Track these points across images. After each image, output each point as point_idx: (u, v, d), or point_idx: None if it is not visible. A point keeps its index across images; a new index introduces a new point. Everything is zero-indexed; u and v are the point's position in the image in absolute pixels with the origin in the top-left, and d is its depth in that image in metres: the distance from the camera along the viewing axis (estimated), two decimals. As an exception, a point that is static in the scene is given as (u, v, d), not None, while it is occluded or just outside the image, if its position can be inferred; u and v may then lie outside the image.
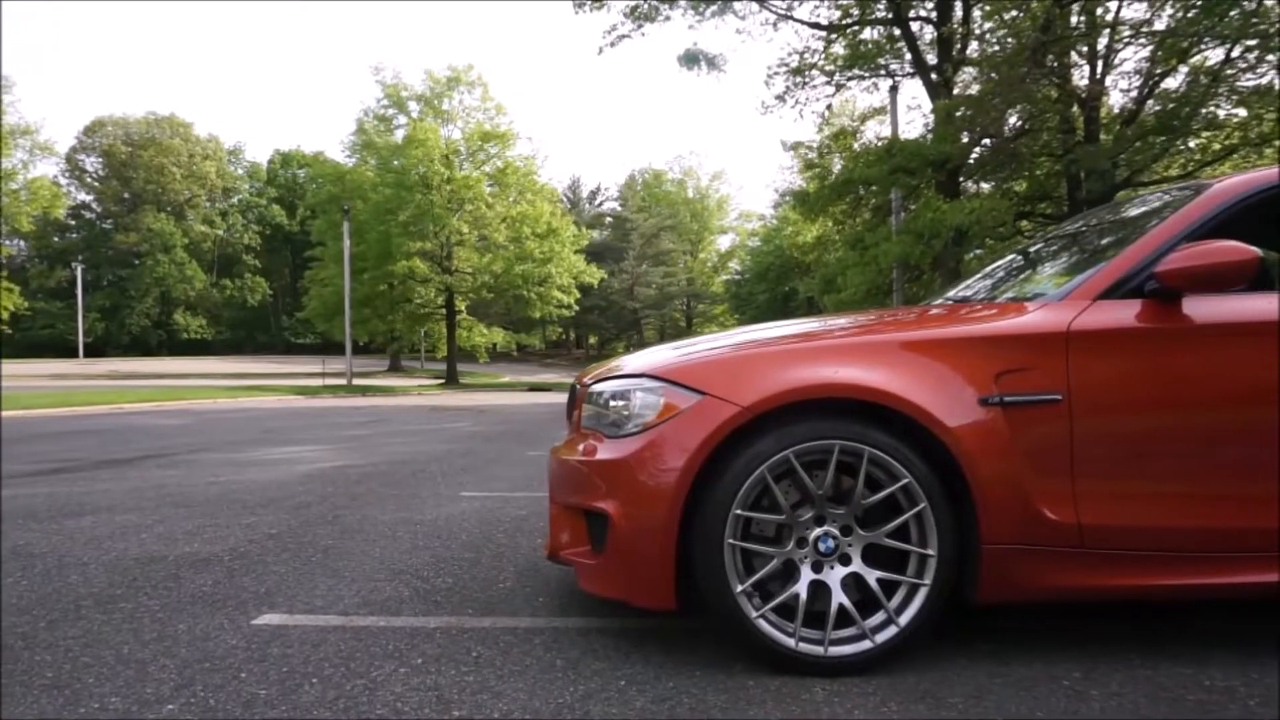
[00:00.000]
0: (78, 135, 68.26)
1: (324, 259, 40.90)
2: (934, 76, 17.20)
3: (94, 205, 69.25)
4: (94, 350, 59.94)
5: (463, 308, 39.75)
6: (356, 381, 31.50)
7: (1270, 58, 13.36)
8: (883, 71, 19.38)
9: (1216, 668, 2.26)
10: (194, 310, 68.75)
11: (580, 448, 2.53)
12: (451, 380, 37.83)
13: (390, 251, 35.78)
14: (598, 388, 2.58)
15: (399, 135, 38.27)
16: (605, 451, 2.40)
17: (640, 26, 19.67)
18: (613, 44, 20.12)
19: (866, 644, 2.21)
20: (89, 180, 68.62)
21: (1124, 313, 2.33)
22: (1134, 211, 2.96)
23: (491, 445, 8.97)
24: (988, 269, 3.67)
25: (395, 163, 36.51)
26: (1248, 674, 2.21)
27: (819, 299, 19.64)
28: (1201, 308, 2.33)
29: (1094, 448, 2.25)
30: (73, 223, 67.52)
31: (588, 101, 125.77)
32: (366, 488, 5.69)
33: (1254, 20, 12.75)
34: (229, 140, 77.24)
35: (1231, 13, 12.77)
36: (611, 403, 2.48)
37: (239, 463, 7.27)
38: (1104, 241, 2.91)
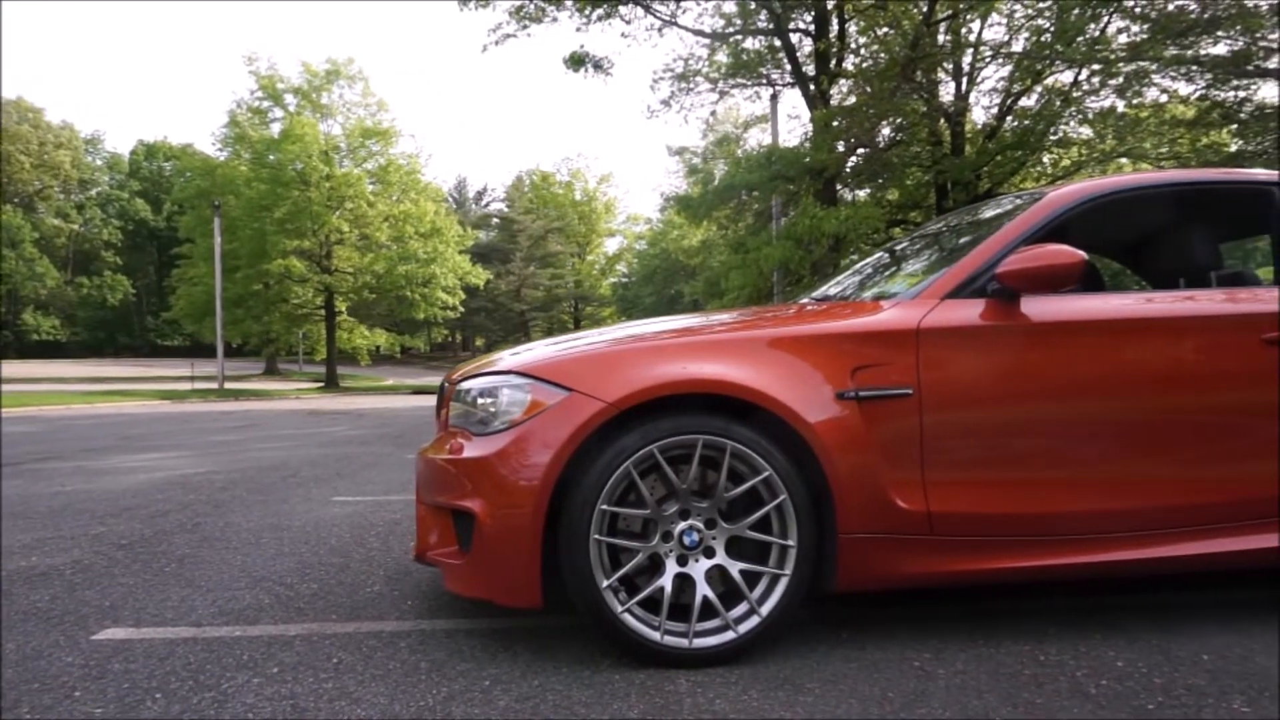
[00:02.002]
0: (-93, 117, 62.54)
1: (193, 256, 38.82)
2: (812, 87, 17.77)
3: (-73, 195, 63.54)
4: (-73, 353, 55.02)
5: (343, 308, 38.48)
6: (229, 385, 30.02)
7: (1112, 82, 14.45)
8: (764, 80, 19.90)
9: (1051, 643, 2.41)
10: (46, 310, 63.95)
11: (447, 446, 2.49)
12: (331, 383, 36.54)
13: (265, 250, 34.29)
14: (465, 385, 2.54)
15: (275, 129, 36.68)
16: (472, 450, 2.37)
17: (526, 27, 19.48)
18: (498, 43, 19.86)
19: (730, 635, 2.26)
20: (-79, 167, 62.93)
21: (968, 311, 2.47)
22: (988, 214, 3.13)
23: (369, 449, 8.72)
24: (858, 266, 3.81)
25: (271, 157, 35.01)
26: (1077, 648, 2.37)
27: (703, 301, 19.98)
28: (1038, 307, 2.49)
29: (941, 439, 2.37)
30: (-99, 213, 61.77)
31: (474, 101, 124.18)
32: (232, 494, 5.43)
33: (1098, 48, 13.75)
34: (86, 129, 72.38)
35: (1078, 39, 13.73)
36: (479, 400, 2.45)
37: (91, 471, 6.81)
38: (960, 242, 3.07)
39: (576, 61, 19.11)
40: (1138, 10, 13.54)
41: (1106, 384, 2.50)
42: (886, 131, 17.54)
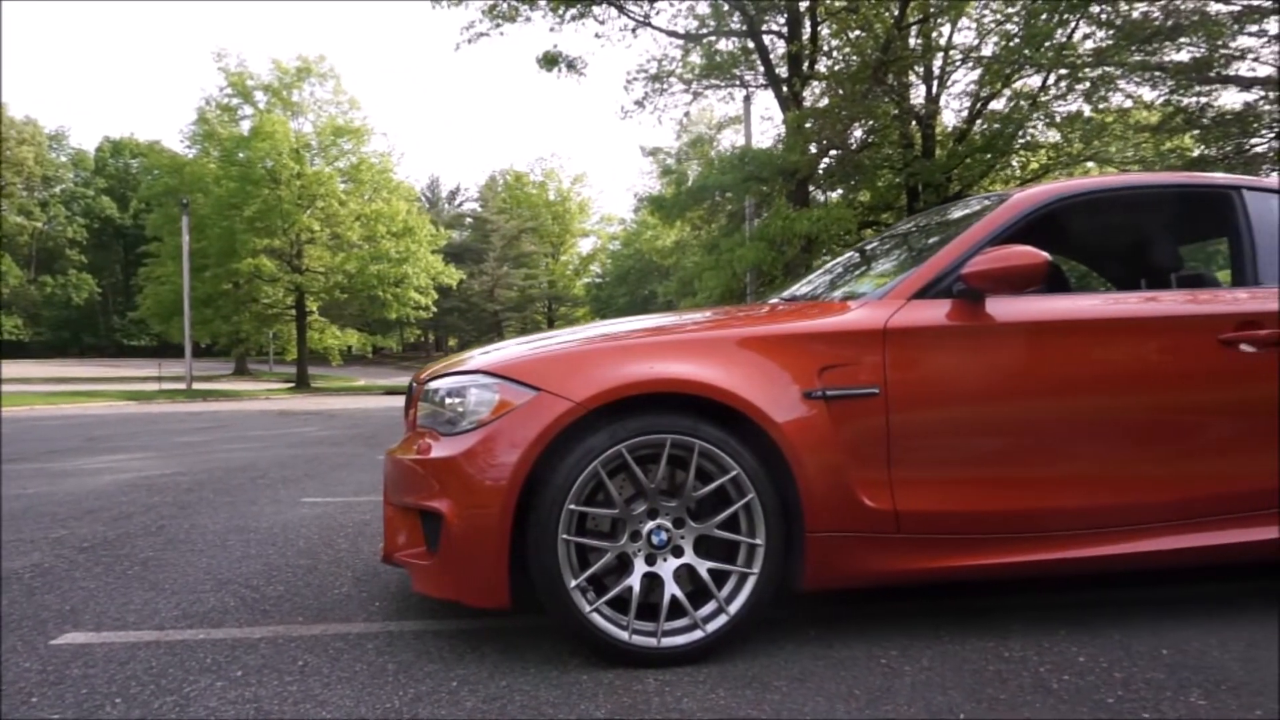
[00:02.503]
0: None
1: (160, 255, 38.22)
2: (785, 89, 17.86)
3: (-115, 191, 61.97)
4: (-116, 353, 53.66)
5: (314, 308, 38.09)
6: (197, 386, 29.60)
7: (1079, 86, 14.67)
8: (738, 82, 19.99)
9: (1015, 639, 2.44)
10: (8, 309, 62.64)
11: (415, 447, 2.47)
12: (302, 384, 36.15)
13: (234, 248, 33.86)
14: (433, 385, 2.53)
15: (245, 126, 36.23)
16: (439, 450, 2.35)
17: (499, 26, 19.43)
18: (470, 41, 19.79)
19: (698, 634, 2.26)
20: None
21: (935, 312, 2.49)
22: (957, 214, 3.16)
23: (339, 450, 8.64)
24: (828, 265, 3.84)
25: (240, 155, 34.56)
26: (1041, 644, 2.40)
27: (676, 301, 20.01)
28: (1002, 307, 2.52)
29: (908, 438, 2.39)
30: None
31: (447, 100, 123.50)
32: (198, 496, 5.35)
33: (1065, 53, 13.96)
34: (50, 124, 70.89)
35: (1046, 44, 13.92)
36: (447, 400, 2.44)
37: (54, 473, 6.69)
38: (928, 242, 3.09)
39: (550, 61, 19.08)
40: (1103, 17, 13.76)
41: (1069, 383, 2.54)
42: (858, 133, 17.69)
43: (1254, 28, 13.02)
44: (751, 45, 18.59)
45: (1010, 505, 2.47)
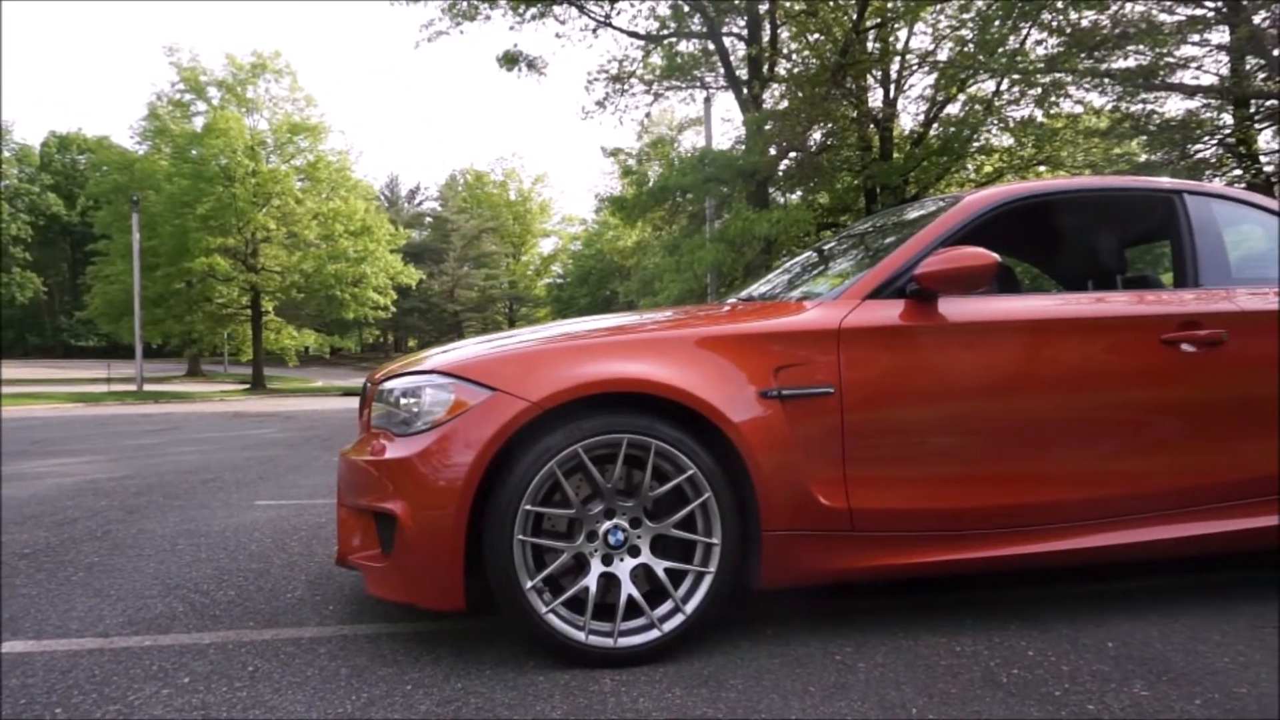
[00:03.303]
0: None
1: (109, 254, 37.27)
2: (745, 91, 17.98)
3: None
4: None
5: (270, 308, 37.45)
6: (148, 387, 28.92)
7: (1031, 92, 14.99)
8: (698, 83, 20.05)
9: (967, 635, 2.48)
10: (-54, 309, 60.68)
11: (369, 448, 2.45)
12: (258, 385, 35.53)
13: (187, 247, 33.15)
14: (388, 385, 2.50)
15: (198, 123, 35.49)
16: (394, 450, 2.33)
17: (459, 24, 19.31)
18: (430, 39, 19.67)
19: (655, 633, 2.26)
20: None
21: (888, 312, 2.52)
22: (912, 215, 3.20)
23: (295, 452, 8.51)
24: (787, 265, 3.87)
25: (193, 152, 33.82)
26: (992, 639, 2.44)
27: (638, 302, 20.03)
28: (954, 307, 2.56)
29: (862, 437, 2.42)
30: None
31: (407, 98, 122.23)
32: (147, 500, 5.23)
33: (1017, 59, 14.24)
34: (-8, 119, 68.70)
35: (999, 50, 14.19)
36: (402, 400, 2.41)
37: (-6, 477, 6.49)
38: (885, 242, 3.13)
39: (510, 60, 19.00)
40: (1054, 24, 14.07)
41: (1019, 382, 2.59)
42: (817, 136, 17.87)
43: (1197, 38, 13.42)
44: (712, 47, 18.66)
45: (962, 502, 2.50)
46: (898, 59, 17.55)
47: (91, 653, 2.40)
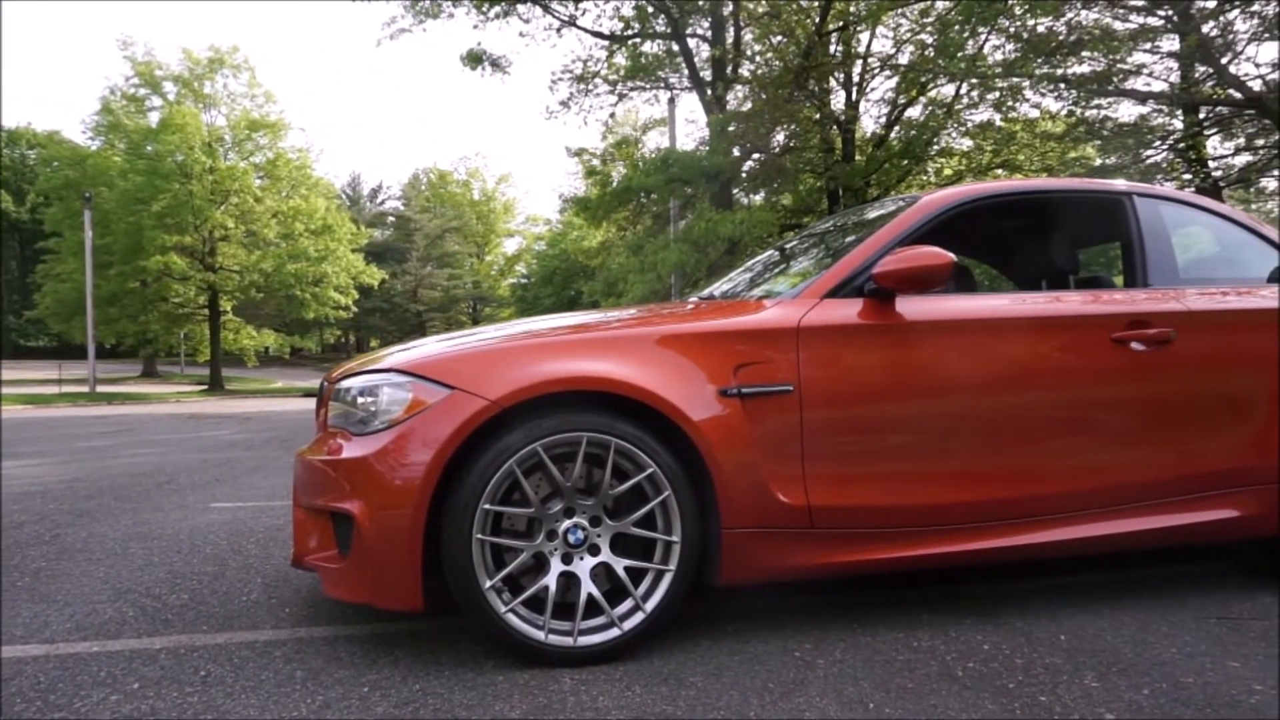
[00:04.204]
0: None
1: (61, 251, 36.26)
2: (709, 92, 18.05)
3: None
4: None
5: (228, 308, 36.76)
6: (102, 389, 28.27)
7: (989, 96, 15.24)
8: (662, 84, 20.08)
9: (924, 630, 2.51)
10: (-112, 307, 58.81)
11: (326, 447, 2.41)
12: (216, 386, 34.88)
13: (142, 245, 32.40)
14: (345, 384, 2.47)
15: (153, 118, 34.74)
16: (350, 450, 2.30)
17: (422, 21, 19.18)
18: (392, 37, 19.52)
19: (615, 632, 2.26)
20: None
21: (847, 310, 2.54)
22: (872, 214, 3.22)
23: (253, 453, 8.36)
24: (750, 264, 3.88)
25: (148, 148, 33.09)
26: (948, 634, 2.48)
27: (602, 302, 20.00)
28: (911, 306, 2.59)
29: (821, 434, 2.43)
30: None
31: (369, 96, 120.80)
32: (98, 503, 5.11)
33: (976, 64, 14.47)
34: (-62, 112, 66.74)
35: (958, 55, 14.41)
36: (359, 399, 2.38)
37: (-62, 481, 6.29)
38: (845, 241, 3.15)
39: (474, 59, 18.89)
40: (1011, 30, 14.31)
41: (974, 380, 2.62)
42: (781, 137, 17.98)
43: (1148, 45, 13.74)
44: (676, 48, 18.72)
45: (920, 499, 2.53)
46: (860, 62, 17.73)
47: (36, 659, 2.34)
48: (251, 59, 36.00)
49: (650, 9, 18.29)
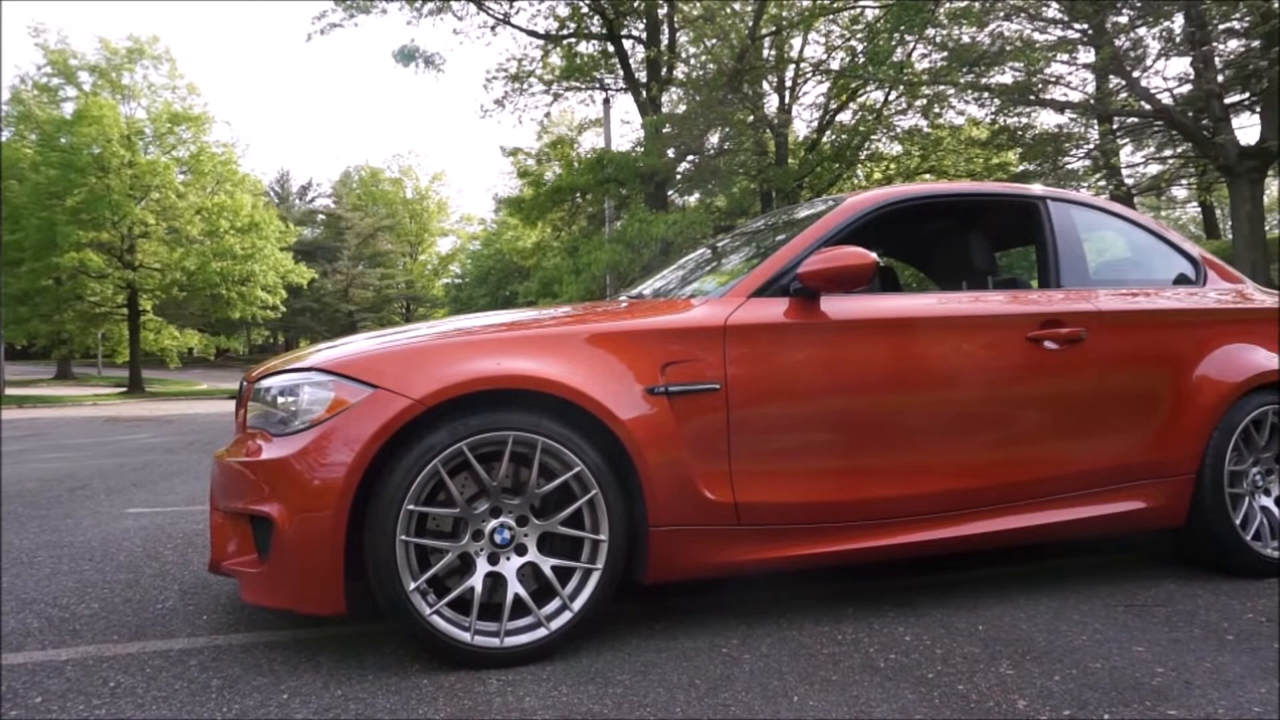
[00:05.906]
0: None
1: (-35, 247, 34.63)
2: (644, 94, 18.11)
3: None
4: None
5: (149, 307, 35.44)
6: (12, 391, 27.04)
7: (917, 103, 15.65)
8: (597, 85, 20.09)
9: (849, 623, 2.56)
10: None
11: (244, 449, 2.34)
12: (136, 388, 33.60)
13: (55, 241, 30.98)
14: (265, 384, 2.40)
15: (68, 109, 33.30)
16: (270, 451, 2.24)
17: (353, 16, 18.81)
18: (323, 32, 19.09)
19: (542, 632, 2.25)
20: None
21: (772, 309, 2.58)
22: (801, 214, 3.26)
23: (173, 457, 8.08)
24: (682, 261, 3.90)
25: (62, 140, 31.71)
26: (871, 626, 2.53)
27: (537, 303, 19.90)
28: (836, 305, 2.63)
29: (747, 432, 2.46)
30: None
31: (298, 91, 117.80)
32: (4, 510, 4.87)
33: (904, 71, 14.85)
34: None
35: (886, 62, 14.76)
36: (279, 399, 2.32)
37: None
38: (775, 240, 3.19)
39: (407, 56, 18.63)
40: (938, 39, 14.72)
41: (897, 377, 2.68)
42: (715, 139, 18.17)
43: (1066, 57, 14.27)
44: (611, 49, 18.74)
45: (845, 495, 2.58)
46: (792, 66, 18.04)
47: (-69, 674, 2.22)
48: (174, 50, 34.67)
49: (585, 9, 18.27)
